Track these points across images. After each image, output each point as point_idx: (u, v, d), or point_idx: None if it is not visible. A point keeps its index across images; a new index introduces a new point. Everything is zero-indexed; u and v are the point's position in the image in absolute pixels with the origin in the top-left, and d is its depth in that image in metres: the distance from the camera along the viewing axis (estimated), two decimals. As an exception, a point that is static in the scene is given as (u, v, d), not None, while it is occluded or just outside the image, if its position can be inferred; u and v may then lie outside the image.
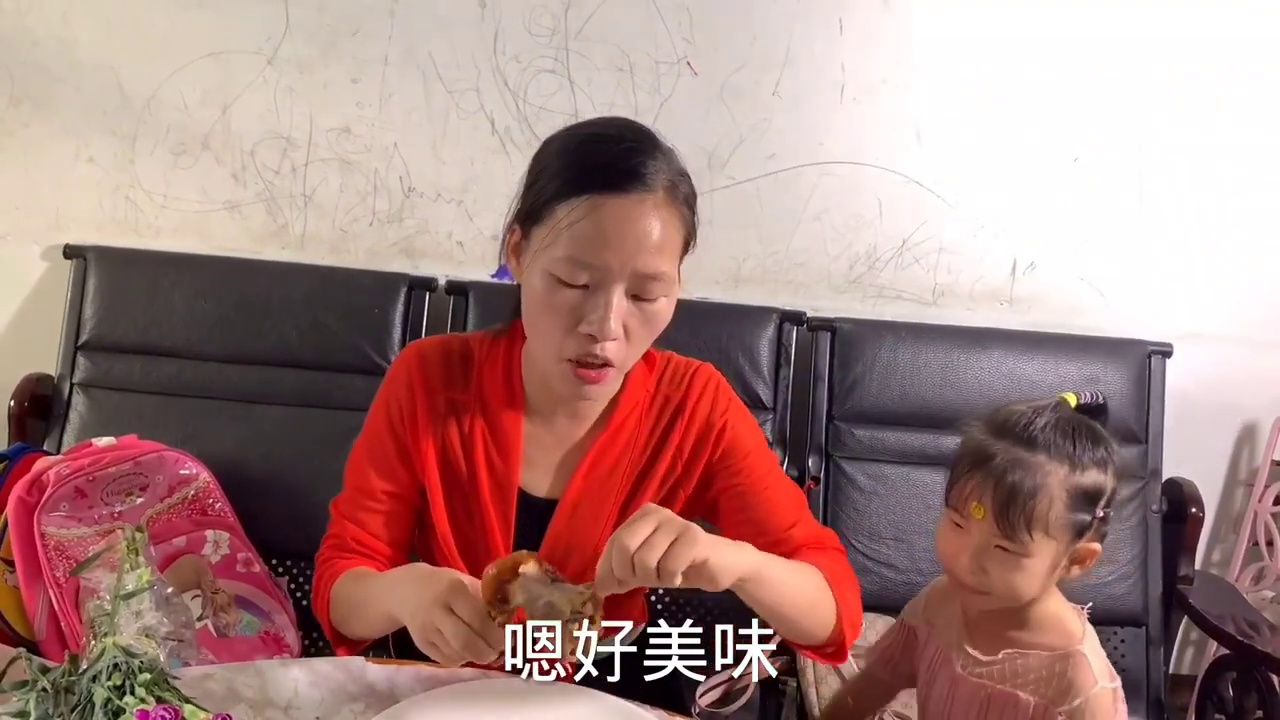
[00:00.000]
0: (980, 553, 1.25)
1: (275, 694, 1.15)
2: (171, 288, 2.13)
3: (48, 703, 1.08)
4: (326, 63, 2.14)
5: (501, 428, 1.34)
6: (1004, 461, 1.22)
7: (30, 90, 2.17)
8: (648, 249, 1.16)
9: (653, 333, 1.24)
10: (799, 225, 2.23)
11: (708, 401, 1.35)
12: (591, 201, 1.16)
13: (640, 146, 1.20)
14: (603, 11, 2.09)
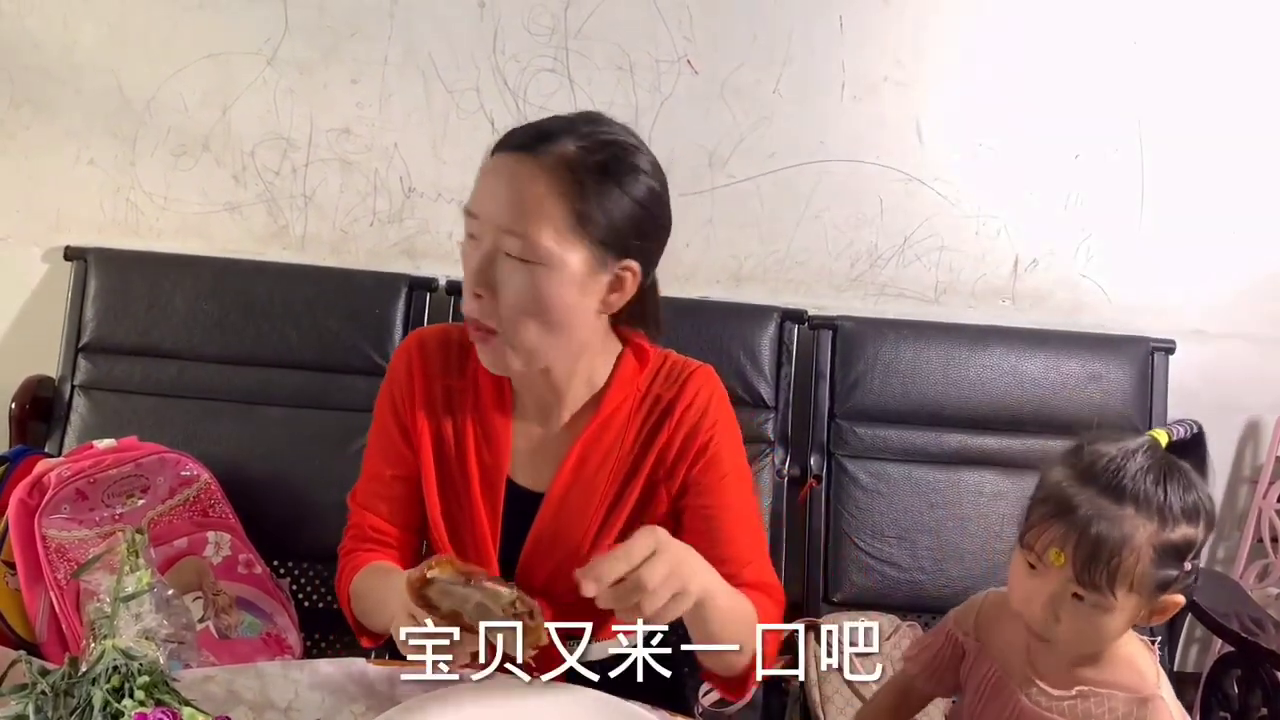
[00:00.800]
0: (1056, 601, 1.17)
1: (276, 696, 1.15)
2: (172, 289, 2.13)
3: (47, 706, 1.07)
4: (326, 64, 2.14)
5: (491, 418, 1.34)
6: (1089, 512, 1.14)
7: (31, 93, 2.17)
8: (504, 202, 1.18)
9: (527, 303, 1.19)
10: (800, 223, 2.23)
11: (698, 409, 1.32)
12: (491, 160, 1.21)
13: (561, 122, 1.22)
14: (602, 10, 2.09)
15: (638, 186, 1.22)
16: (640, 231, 1.23)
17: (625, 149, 1.23)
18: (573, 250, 1.18)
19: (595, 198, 1.18)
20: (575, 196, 1.17)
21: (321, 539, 2.06)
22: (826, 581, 2.08)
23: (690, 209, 2.20)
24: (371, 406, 2.15)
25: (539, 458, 1.35)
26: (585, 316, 1.24)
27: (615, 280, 1.23)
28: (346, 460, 2.10)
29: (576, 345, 1.27)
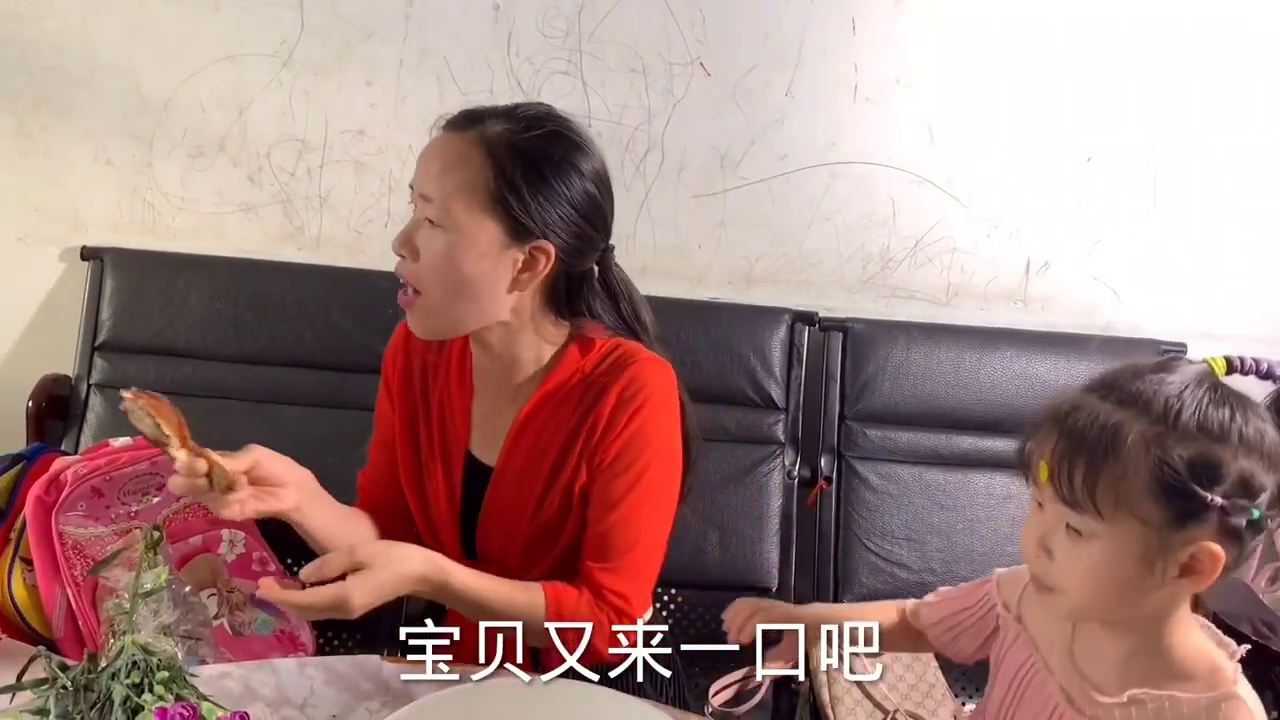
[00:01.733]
0: (1049, 531, 0.99)
1: (292, 692, 1.17)
2: (188, 289, 2.15)
3: (67, 700, 1.09)
4: (341, 65, 2.15)
5: (453, 393, 1.43)
6: (1081, 411, 0.96)
7: (50, 94, 2.19)
8: (428, 171, 1.28)
9: (439, 267, 1.27)
10: (811, 225, 2.23)
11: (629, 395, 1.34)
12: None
13: (502, 108, 1.30)
14: (616, 13, 2.10)
15: (564, 177, 1.29)
16: (561, 220, 1.29)
17: (556, 137, 1.30)
18: (483, 224, 1.26)
19: (510, 177, 1.26)
20: (489, 172, 1.26)
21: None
22: (836, 583, 2.09)
23: (702, 211, 2.21)
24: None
25: (491, 433, 1.41)
26: (494, 289, 1.30)
27: (529, 260, 1.29)
28: (358, 459, 2.09)
29: (487, 315, 1.32)
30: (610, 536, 1.34)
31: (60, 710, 1.05)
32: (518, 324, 1.35)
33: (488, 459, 1.42)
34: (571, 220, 1.29)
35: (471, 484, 1.43)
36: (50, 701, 1.05)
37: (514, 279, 1.30)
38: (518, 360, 1.38)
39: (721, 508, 2.05)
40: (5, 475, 1.89)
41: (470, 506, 1.43)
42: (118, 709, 1.03)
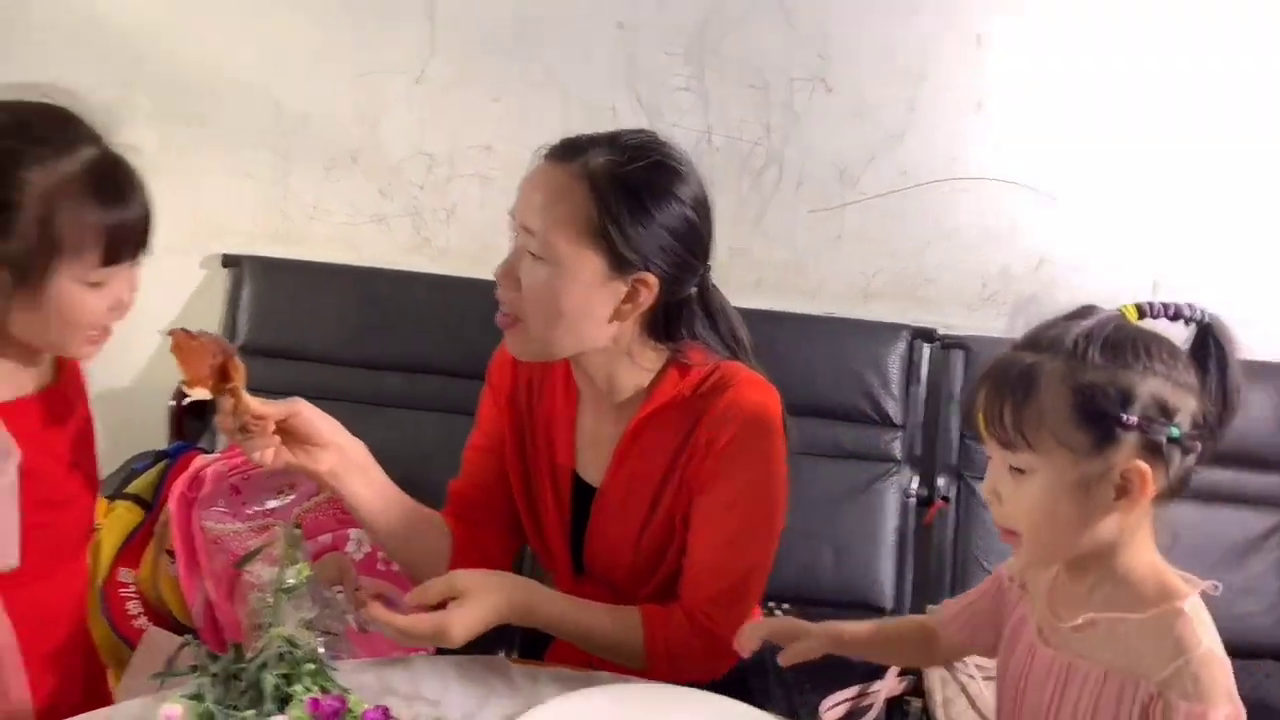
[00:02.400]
0: (997, 477, 1.07)
1: (426, 689, 1.20)
2: (320, 296, 2.24)
3: (217, 688, 1.15)
4: (469, 83, 2.22)
5: (560, 412, 1.43)
6: (1004, 362, 1.05)
7: (196, 109, 2.30)
8: (530, 202, 1.27)
9: (542, 298, 1.26)
10: (931, 241, 2.22)
11: (726, 417, 1.32)
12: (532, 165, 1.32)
13: (596, 137, 1.29)
14: (738, 31, 2.12)
15: (668, 211, 1.26)
16: (662, 250, 1.27)
17: (659, 168, 1.27)
18: (585, 256, 1.24)
19: (614, 210, 1.23)
20: (592, 206, 1.23)
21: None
22: (952, 603, 2.06)
23: (819, 225, 2.21)
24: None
25: (596, 453, 1.41)
26: (595, 320, 1.28)
27: (631, 291, 1.28)
28: (479, 465, 2.17)
29: (585, 343, 1.31)
30: (708, 563, 1.33)
31: (215, 697, 1.11)
32: (616, 350, 1.34)
33: (592, 479, 1.42)
34: (673, 250, 1.27)
35: (578, 502, 1.43)
36: (205, 688, 1.11)
37: (616, 309, 1.28)
38: (617, 384, 1.37)
39: (835, 524, 2.04)
40: (151, 471, 1.99)
41: (578, 523, 1.44)
42: (268, 698, 1.08)
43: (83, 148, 1.14)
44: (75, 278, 1.14)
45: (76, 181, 1.12)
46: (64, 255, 1.12)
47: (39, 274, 1.12)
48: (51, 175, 1.11)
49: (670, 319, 1.34)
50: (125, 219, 1.15)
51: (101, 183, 1.14)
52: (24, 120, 1.13)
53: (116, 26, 2.27)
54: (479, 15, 2.18)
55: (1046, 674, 1.10)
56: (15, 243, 1.10)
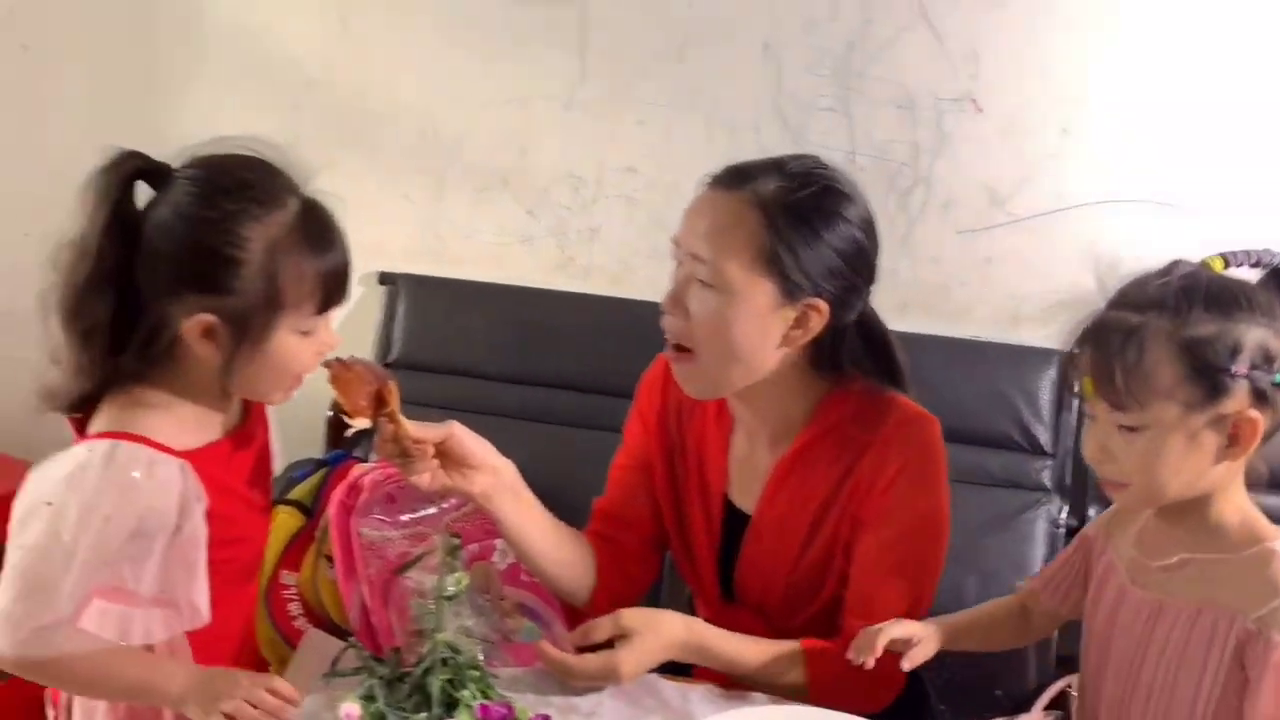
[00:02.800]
0: (1105, 437, 1.08)
1: (580, 701, 1.24)
2: (471, 314, 2.32)
3: (381, 690, 1.20)
4: (617, 107, 2.27)
5: (712, 437, 1.43)
6: (1106, 325, 1.07)
7: (360, 134, 2.42)
8: (698, 232, 1.25)
9: (712, 326, 1.25)
10: (1084, 265, 2.14)
11: (891, 453, 1.31)
12: (697, 194, 1.31)
13: (762, 163, 1.29)
14: (886, 51, 2.11)
15: (837, 233, 1.26)
16: (832, 274, 1.26)
17: (828, 192, 1.27)
18: (757, 284, 1.24)
19: (785, 236, 1.23)
20: (765, 233, 1.23)
21: (596, 554, 2.18)
22: (1102, 637, 1.99)
23: (967, 247, 2.18)
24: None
25: (749, 479, 1.41)
26: (765, 348, 1.28)
27: (801, 317, 1.27)
28: (618, 480, 2.21)
29: (755, 374, 1.31)
30: (875, 596, 1.32)
31: (383, 698, 1.16)
32: (779, 378, 1.33)
33: (745, 506, 1.41)
34: (842, 273, 1.27)
35: (730, 528, 1.43)
36: (375, 690, 1.16)
37: (785, 335, 1.28)
38: (777, 411, 1.37)
39: (982, 553, 2.00)
40: (311, 478, 2.08)
41: (729, 550, 1.44)
42: (435, 702, 1.13)
43: (290, 200, 1.16)
44: (292, 328, 1.17)
45: (292, 234, 1.14)
46: (286, 308, 1.15)
47: (263, 329, 1.14)
48: (270, 230, 1.13)
49: (835, 344, 1.33)
50: (336, 266, 1.19)
51: (312, 232, 1.16)
52: (239, 178, 1.15)
53: (286, 58, 2.41)
54: (628, 41, 2.23)
55: (1135, 615, 1.13)
56: (240, 299, 1.13)
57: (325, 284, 1.18)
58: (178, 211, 1.14)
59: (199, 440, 1.22)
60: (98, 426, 1.18)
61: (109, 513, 1.12)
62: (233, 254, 1.12)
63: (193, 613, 1.20)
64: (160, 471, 1.16)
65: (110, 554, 1.13)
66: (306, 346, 1.20)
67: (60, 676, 1.19)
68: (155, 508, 1.15)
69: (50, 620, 1.12)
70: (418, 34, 2.33)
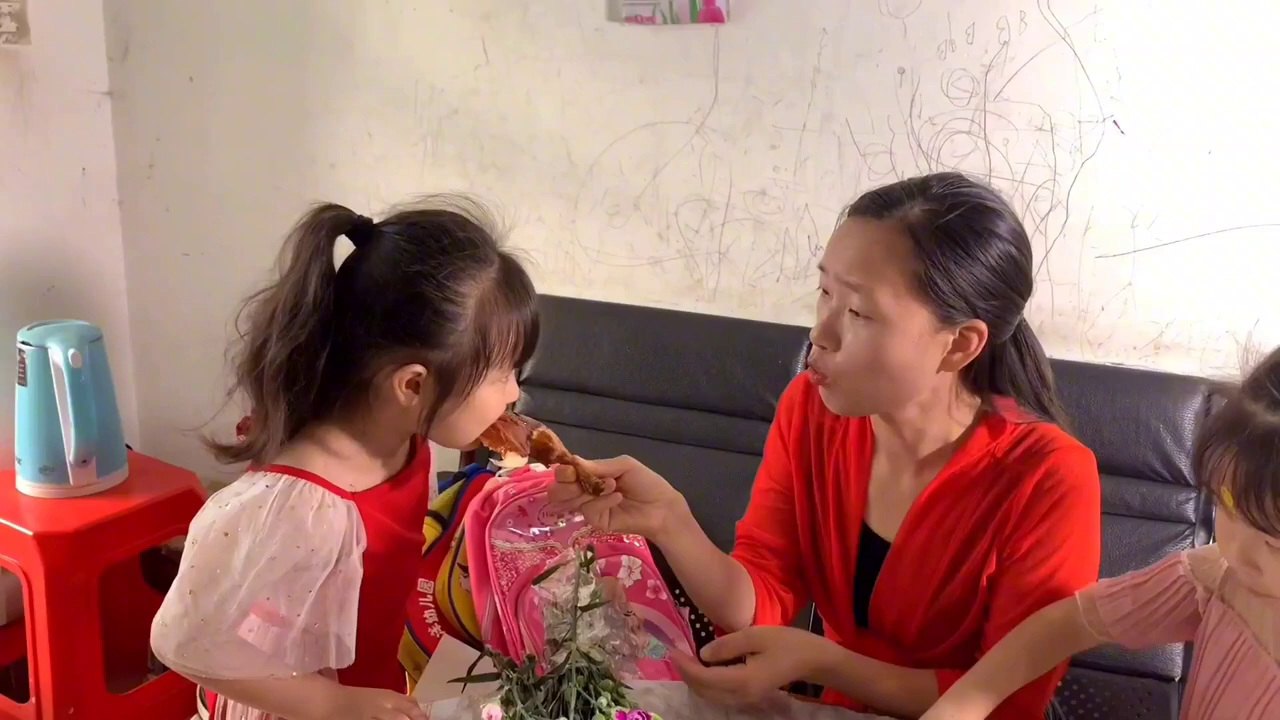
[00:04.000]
0: (1248, 549, 0.96)
1: (710, 715, 1.25)
2: (600, 333, 2.37)
3: (520, 695, 1.25)
4: (748, 131, 2.29)
5: (852, 461, 1.42)
6: (1255, 429, 0.91)
7: (497, 159, 2.51)
8: (846, 260, 1.25)
9: (865, 357, 1.24)
10: (1232, 291, 2.07)
11: (1045, 488, 1.29)
12: (842, 223, 1.31)
13: (906, 187, 1.27)
14: (1025, 72, 2.08)
15: (989, 250, 1.24)
16: (989, 294, 1.24)
17: (977, 211, 1.25)
18: (913, 311, 1.23)
19: (938, 261, 1.22)
20: (916, 259, 1.22)
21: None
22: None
23: (1108, 271, 2.12)
24: (769, 452, 2.26)
25: (890, 506, 1.40)
26: (922, 373, 1.27)
27: (960, 340, 1.26)
28: (743, 500, 2.20)
29: (910, 396, 1.30)
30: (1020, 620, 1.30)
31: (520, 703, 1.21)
32: (933, 401, 1.32)
33: (885, 533, 1.41)
34: (999, 291, 1.25)
35: (866, 555, 1.42)
36: (515, 694, 1.20)
37: (944, 359, 1.27)
38: (925, 436, 1.35)
39: (1122, 586, 1.94)
40: (449, 490, 2.17)
41: (865, 577, 1.43)
42: (573, 709, 1.16)
43: (493, 254, 1.22)
44: (493, 380, 1.21)
45: (500, 290, 1.20)
46: (492, 363, 1.19)
47: (469, 381, 1.19)
48: (481, 285, 1.18)
49: (993, 363, 1.32)
50: (534, 320, 1.23)
51: (514, 288, 1.22)
52: (454, 236, 1.19)
53: (430, 87, 2.52)
54: (761, 66, 2.25)
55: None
56: (452, 353, 1.17)
57: (526, 338, 1.22)
58: (394, 266, 1.16)
59: (367, 482, 1.26)
60: (276, 456, 1.21)
61: (276, 553, 1.17)
62: (448, 309, 1.16)
63: (341, 651, 1.24)
64: (330, 514, 1.20)
65: (271, 584, 1.18)
66: (499, 396, 1.24)
67: (216, 683, 1.26)
68: (320, 550, 1.20)
69: (212, 642, 1.18)
70: (555, 63, 2.40)
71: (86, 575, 2.18)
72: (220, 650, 1.19)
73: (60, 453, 2.23)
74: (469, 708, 1.24)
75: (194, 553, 1.19)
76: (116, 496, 2.30)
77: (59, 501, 2.26)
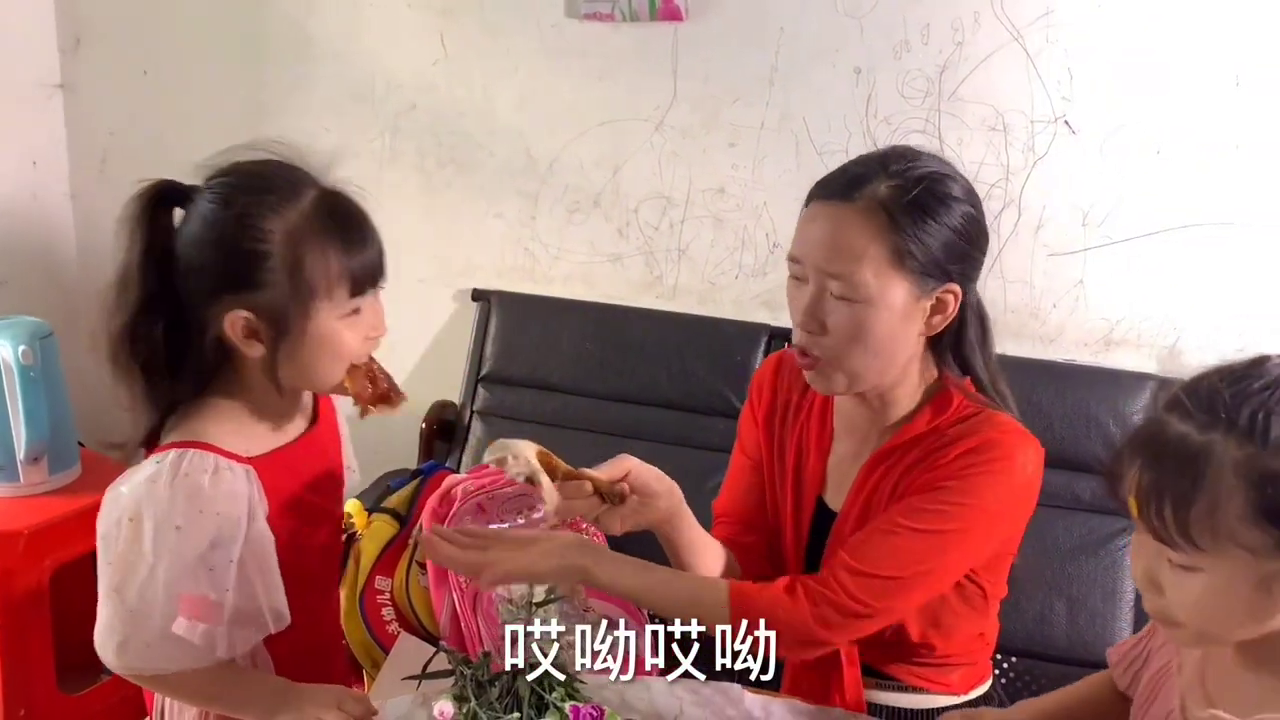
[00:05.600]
0: (1153, 565, 0.90)
1: (664, 708, 1.26)
2: (560, 330, 2.37)
3: (474, 691, 1.25)
4: (707, 129, 2.30)
5: (814, 437, 1.45)
6: (1161, 439, 0.87)
7: (455, 154, 2.50)
8: (825, 247, 1.27)
9: (852, 336, 1.27)
10: (1180, 289, 2.11)
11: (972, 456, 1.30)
12: (808, 210, 1.31)
13: (865, 170, 1.29)
14: (979, 73, 2.11)
15: (953, 215, 1.28)
16: (959, 256, 1.29)
17: (936, 180, 1.28)
18: (893, 285, 1.26)
19: (911, 233, 1.25)
20: (891, 235, 1.25)
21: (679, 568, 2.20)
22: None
23: (1060, 269, 2.16)
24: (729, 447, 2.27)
25: (843, 479, 1.42)
26: (906, 343, 1.32)
27: (938, 304, 1.30)
28: (703, 497, 2.21)
29: (898, 367, 1.34)
30: (876, 543, 1.29)
31: (474, 698, 1.21)
32: (903, 375, 1.36)
33: (836, 505, 1.43)
34: (966, 252, 1.30)
35: (820, 530, 1.45)
36: (469, 690, 1.20)
37: (926, 324, 1.31)
38: (889, 406, 1.38)
39: (1071, 578, 1.97)
40: (407, 487, 2.16)
41: (816, 551, 1.45)
42: (526, 703, 1.16)
43: (307, 191, 1.18)
44: (331, 315, 1.19)
45: (312, 223, 1.17)
46: (318, 296, 1.17)
47: (300, 319, 1.17)
48: (289, 220, 1.16)
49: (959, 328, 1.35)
50: (361, 249, 1.20)
51: (333, 219, 1.18)
52: (255, 175, 1.19)
53: (388, 82, 2.50)
54: (720, 65, 2.26)
55: None
56: (271, 292, 1.16)
57: (352, 268, 1.18)
58: (203, 219, 1.18)
59: (264, 447, 1.26)
60: (165, 439, 1.22)
61: (180, 522, 1.16)
62: (256, 248, 1.16)
63: (275, 617, 1.23)
64: (226, 477, 1.19)
65: (190, 563, 1.17)
66: (352, 332, 1.21)
67: (162, 682, 1.25)
68: (227, 515, 1.19)
69: (149, 635, 1.17)
70: (513, 59, 2.39)
71: (38, 575, 2.15)
72: (161, 644, 1.18)
73: (11, 450, 2.19)
74: (423, 705, 1.23)
75: (104, 549, 1.18)
76: (69, 495, 2.26)
77: (10, 500, 2.22)
